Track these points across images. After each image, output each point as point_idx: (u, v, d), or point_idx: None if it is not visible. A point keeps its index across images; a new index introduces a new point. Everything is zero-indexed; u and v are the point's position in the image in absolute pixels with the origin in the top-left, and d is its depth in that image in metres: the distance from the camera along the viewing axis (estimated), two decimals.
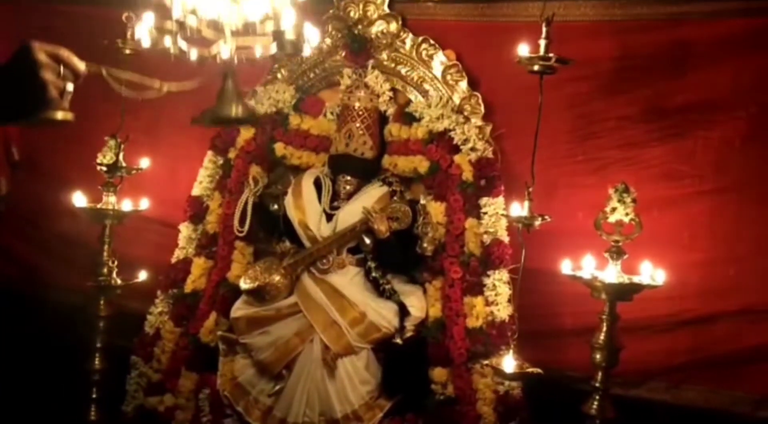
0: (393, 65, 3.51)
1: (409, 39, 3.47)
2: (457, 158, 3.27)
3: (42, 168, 4.35)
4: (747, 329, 3.13)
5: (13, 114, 1.19)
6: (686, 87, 3.17)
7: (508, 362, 2.76)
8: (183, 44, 1.47)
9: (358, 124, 3.38)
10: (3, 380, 3.70)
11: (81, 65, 1.25)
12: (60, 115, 1.21)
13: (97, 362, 3.44)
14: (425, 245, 3.27)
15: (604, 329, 2.68)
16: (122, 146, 3.34)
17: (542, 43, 2.57)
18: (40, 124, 1.22)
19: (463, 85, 3.40)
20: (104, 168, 3.34)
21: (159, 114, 3.86)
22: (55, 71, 1.19)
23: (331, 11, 3.58)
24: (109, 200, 3.38)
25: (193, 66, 1.51)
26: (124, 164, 3.35)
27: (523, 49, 2.64)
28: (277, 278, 3.25)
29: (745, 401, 3.17)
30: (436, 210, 3.28)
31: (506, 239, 3.18)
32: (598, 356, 2.69)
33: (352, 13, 3.55)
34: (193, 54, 1.48)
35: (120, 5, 3.02)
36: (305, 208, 3.38)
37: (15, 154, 4.40)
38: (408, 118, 3.43)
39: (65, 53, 1.23)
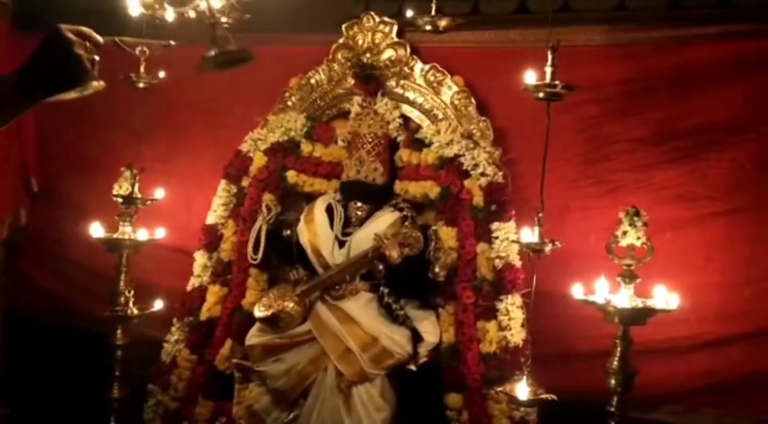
0: (402, 92, 3.54)
1: (417, 66, 3.51)
2: (467, 183, 3.27)
3: (60, 198, 4.41)
4: (764, 351, 3.09)
5: (55, 88, 1.35)
6: (697, 109, 3.16)
7: (522, 389, 2.75)
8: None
9: (368, 151, 3.40)
10: (24, 407, 3.76)
11: (100, 38, 1.41)
12: (95, 85, 1.38)
13: (115, 391, 3.47)
14: (437, 270, 3.27)
15: (618, 353, 2.67)
16: (137, 177, 3.39)
17: (548, 70, 2.58)
18: (78, 94, 1.38)
19: (472, 110, 3.42)
20: (120, 199, 3.39)
21: (174, 143, 3.92)
22: (82, 46, 1.35)
23: (340, 40, 3.62)
24: (125, 230, 3.43)
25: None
26: (139, 195, 3.39)
27: (529, 77, 2.65)
28: (290, 305, 3.26)
29: None
30: (448, 235, 3.28)
31: (518, 264, 3.18)
32: (612, 381, 2.69)
33: (360, 42, 3.58)
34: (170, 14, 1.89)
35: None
36: (318, 234, 3.39)
37: (34, 185, 4.47)
38: (418, 144, 3.45)
39: (86, 29, 1.38)
